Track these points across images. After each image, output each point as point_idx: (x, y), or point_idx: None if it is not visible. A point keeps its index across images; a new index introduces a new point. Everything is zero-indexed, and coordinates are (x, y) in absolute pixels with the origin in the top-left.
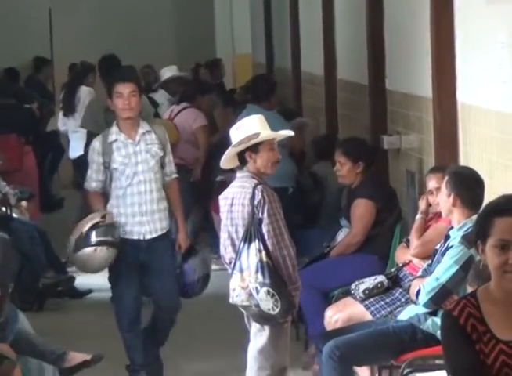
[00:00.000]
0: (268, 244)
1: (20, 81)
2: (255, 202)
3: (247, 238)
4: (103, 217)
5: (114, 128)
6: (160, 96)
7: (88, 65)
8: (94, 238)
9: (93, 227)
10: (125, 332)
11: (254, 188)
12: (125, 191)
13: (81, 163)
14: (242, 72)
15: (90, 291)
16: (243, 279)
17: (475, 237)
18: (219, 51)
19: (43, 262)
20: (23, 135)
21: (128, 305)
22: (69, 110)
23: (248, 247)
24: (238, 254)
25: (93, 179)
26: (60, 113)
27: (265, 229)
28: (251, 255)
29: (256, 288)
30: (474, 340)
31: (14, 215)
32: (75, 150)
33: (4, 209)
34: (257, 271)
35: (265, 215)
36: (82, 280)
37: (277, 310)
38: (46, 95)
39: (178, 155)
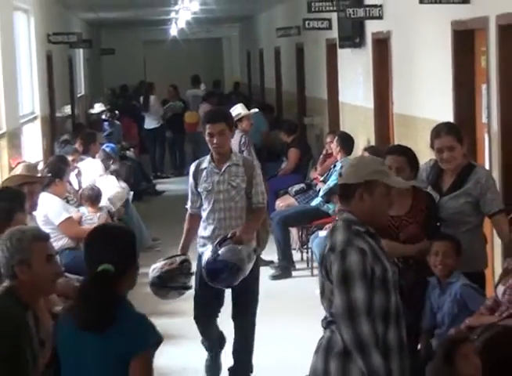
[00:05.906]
0: None
1: (130, 91)
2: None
3: None
4: (182, 262)
5: (208, 157)
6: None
7: (149, 83)
8: (169, 283)
9: (172, 271)
10: (197, 323)
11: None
12: (208, 215)
13: (155, 131)
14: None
15: (164, 191)
16: None
17: None
18: (226, 75)
19: (140, 177)
20: (132, 118)
21: (201, 306)
22: (146, 107)
23: None
24: None
25: (189, 199)
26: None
27: None
28: None
29: None
30: None
31: (126, 155)
32: (149, 124)
33: (122, 152)
34: None
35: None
36: (161, 186)
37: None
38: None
39: (199, 129)
